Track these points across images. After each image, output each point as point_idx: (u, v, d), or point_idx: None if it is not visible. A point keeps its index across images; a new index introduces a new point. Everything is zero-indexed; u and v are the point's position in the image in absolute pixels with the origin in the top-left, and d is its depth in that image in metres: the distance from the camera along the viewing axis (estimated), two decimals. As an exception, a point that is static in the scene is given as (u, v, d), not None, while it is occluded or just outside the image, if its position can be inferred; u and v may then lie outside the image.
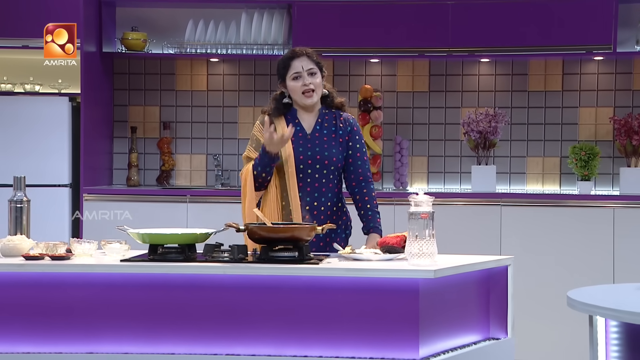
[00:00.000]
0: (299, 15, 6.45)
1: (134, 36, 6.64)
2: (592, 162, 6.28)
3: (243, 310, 3.63)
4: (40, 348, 3.62)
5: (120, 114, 6.90)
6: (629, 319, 2.55)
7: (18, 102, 6.47)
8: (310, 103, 4.22)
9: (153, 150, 6.87)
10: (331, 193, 4.22)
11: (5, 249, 3.80)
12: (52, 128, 6.39)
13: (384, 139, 6.66)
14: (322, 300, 3.61)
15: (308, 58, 4.20)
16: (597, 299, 2.72)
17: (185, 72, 6.87)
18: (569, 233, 6.03)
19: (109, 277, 3.65)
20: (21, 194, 4.06)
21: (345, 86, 6.74)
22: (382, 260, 3.79)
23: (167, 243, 3.76)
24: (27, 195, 6.29)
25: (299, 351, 3.60)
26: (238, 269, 3.63)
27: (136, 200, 6.28)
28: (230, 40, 6.60)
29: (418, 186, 6.70)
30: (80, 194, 6.31)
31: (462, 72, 6.69)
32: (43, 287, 3.65)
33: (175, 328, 3.63)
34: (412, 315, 3.56)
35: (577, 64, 6.59)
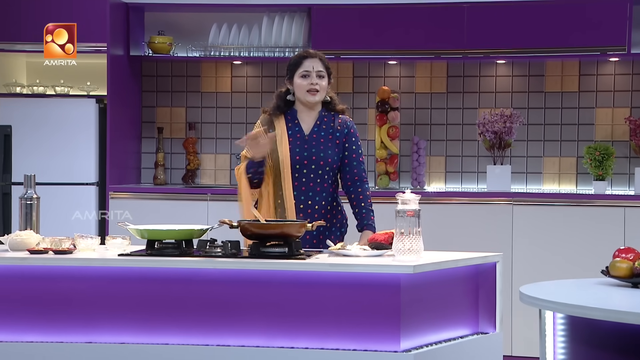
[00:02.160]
0: (318, 18, 6.61)
1: (160, 40, 6.87)
2: (607, 162, 6.35)
3: (234, 303, 3.79)
4: (42, 337, 3.82)
5: (148, 115, 7.14)
6: (572, 312, 2.67)
7: (49, 103, 6.73)
8: (312, 101, 4.38)
9: (179, 150, 7.09)
10: (326, 192, 4.38)
11: (13, 243, 4.02)
12: (80, 128, 6.65)
13: (402, 139, 6.79)
14: (309, 295, 3.76)
15: (320, 61, 4.39)
16: (545, 293, 2.84)
17: (210, 74, 7.08)
18: (580, 232, 6.10)
19: (106, 270, 3.85)
20: (31, 191, 4.27)
21: (365, 87, 6.89)
22: (369, 256, 3.93)
23: (164, 239, 3.95)
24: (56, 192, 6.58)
25: (286, 343, 3.76)
26: (228, 263, 3.80)
27: (159, 199, 6.50)
28: (253, 43, 6.79)
29: (436, 185, 6.83)
30: (107, 192, 6.56)
31: (479, 74, 6.80)
32: (45, 280, 3.85)
33: (169, 320, 3.81)
34: (393, 309, 3.69)
35: (594, 65, 6.66)
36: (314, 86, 4.36)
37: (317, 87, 4.36)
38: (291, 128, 4.41)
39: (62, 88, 6.87)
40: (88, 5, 6.61)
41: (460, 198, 6.29)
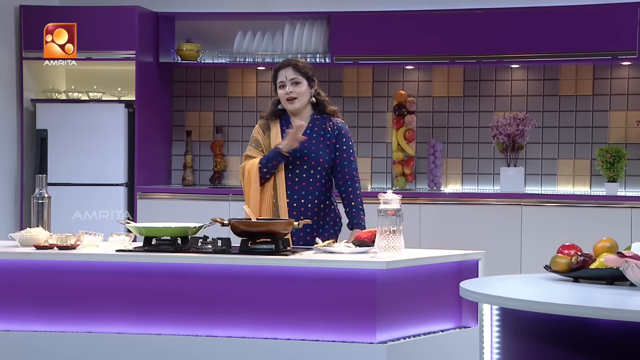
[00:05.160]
0: (337, 25, 6.86)
1: (187, 47, 7.18)
2: (618, 164, 6.47)
3: (222, 296, 4.04)
4: (45, 327, 4.12)
5: (178, 119, 7.45)
6: (504, 304, 2.87)
7: (82, 108, 7.08)
8: (291, 109, 4.62)
9: (207, 153, 7.39)
10: (318, 192, 4.61)
11: (22, 239, 4.32)
12: (110, 132, 6.98)
13: (419, 142, 7.00)
14: (291, 289, 3.99)
15: (293, 68, 4.60)
16: (485, 288, 3.03)
17: (237, 79, 7.36)
18: (588, 233, 6.23)
19: (105, 265, 4.13)
20: (42, 191, 4.56)
21: (384, 92, 7.11)
22: (353, 253, 4.15)
23: (160, 235, 4.21)
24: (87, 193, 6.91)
25: (270, 334, 3.99)
26: (217, 259, 4.05)
27: (184, 199, 6.81)
28: (276, 49, 7.05)
29: (453, 186, 7.02)
30: (135, 193, 6.88)
31: (495, 78, 6.97)
32: (49, 274, 4.15)
33: (162, 312, 4.07)
34: (370, 303, 3.90)
35: (608, 69, 6.78)
36: (289, 94, 4.59)
37: (293, 95, 4.59)
38: (285, 131, 4.65)
39: (95, 94, 7.21)
40: (119, 16, 6.96)
41: (471, 199, 6.47)
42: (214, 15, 7.19)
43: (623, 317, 2.58)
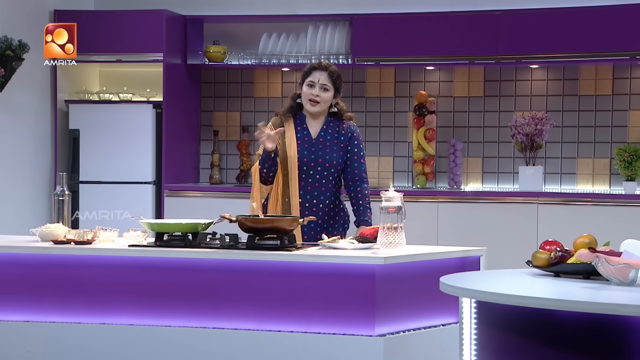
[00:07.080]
0: (359, 27, 7.00)
1: (214, 49, 7.37)
2: (637, 163, 6.53)
3: (229, 290, 4.20)
4: (62, 318, 4.31)
5: (206, 119, 7.65)
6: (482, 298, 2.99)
7: (112, 109, 7.31)
8: (311, 110, 4.76)
9: (233, 152, 7.58)
10: (329, 193, 4.76)
11: (42, 234, 4.52)
12: (139, 132, 7.20)
13: (440, 141, 7.12)
14: (294, 283, 4.14)
15: (328, 75, 4.74)
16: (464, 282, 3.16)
17: (262, 80, 7.54)
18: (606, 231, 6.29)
19: (118, 259, 4.31)
20: (62, 188, 4.76)
21: (406, 92, 7.24)
22: (356, 249, 4.29)
23: (171, 231, 4.39)
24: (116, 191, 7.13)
25: (274, 327, 4.14)
26: (224, 254, 4.22)
27: (211, 197, 7.00)
28: (300, 51, 7.22)
29: (473, 185, 7.12)
30: (162, 190, 7.09)
31: (515, 78, 7.07)
32: (66, 268, 4.34)
33: (172, 305, 4.24)
34: (369, 297, 4.04)
35: (627, 68, 6.85)
36: (315, 97, 4.73)
37: (318, 99, 4.73)
38: (300, 132, 4.79)
39: (125, 95, 7.43)
40: (148, 19, 7.17)
41: (489, 197, 6.58)
42: (240, 18, 7.38)
43: (586, 309, 2.70)
